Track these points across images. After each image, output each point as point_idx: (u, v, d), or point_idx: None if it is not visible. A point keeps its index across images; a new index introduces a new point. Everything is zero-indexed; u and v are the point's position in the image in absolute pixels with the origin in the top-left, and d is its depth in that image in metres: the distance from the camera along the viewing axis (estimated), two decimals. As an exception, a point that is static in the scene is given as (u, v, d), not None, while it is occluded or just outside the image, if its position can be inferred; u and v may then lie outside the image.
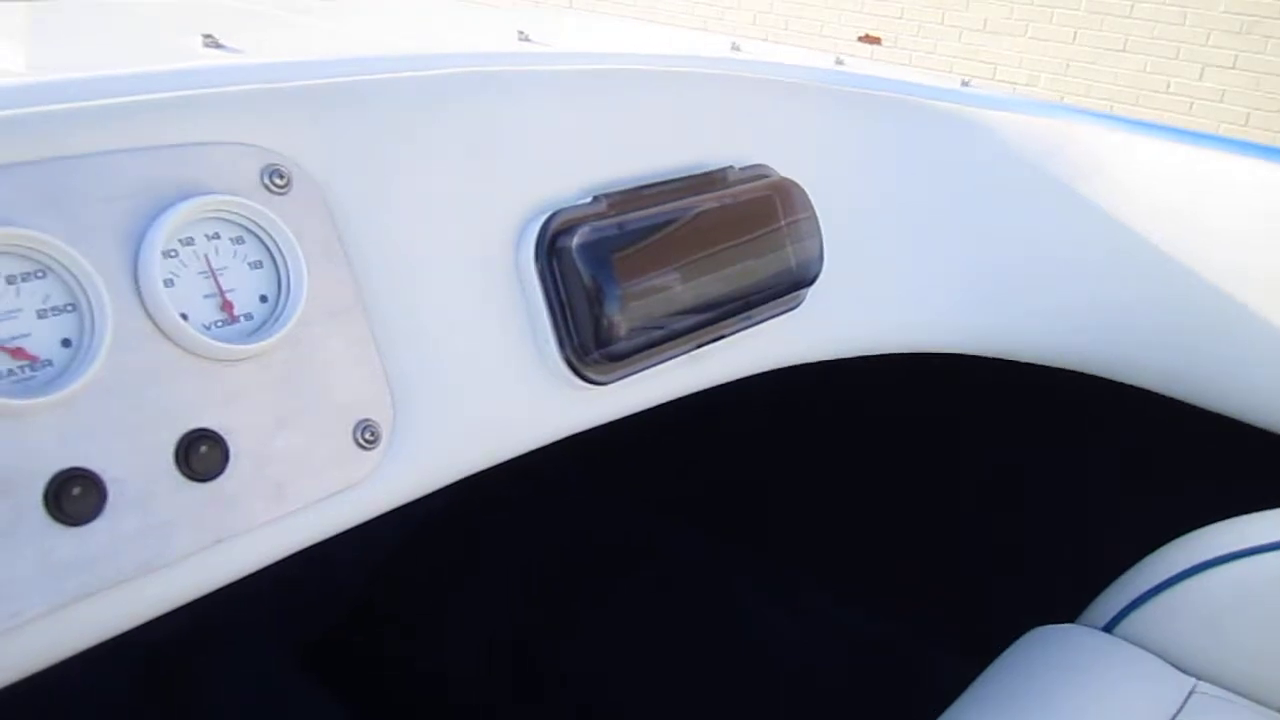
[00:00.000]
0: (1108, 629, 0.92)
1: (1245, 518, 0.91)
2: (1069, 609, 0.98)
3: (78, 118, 0.51)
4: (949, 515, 1.33)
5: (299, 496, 0.56)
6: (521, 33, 0.79)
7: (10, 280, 0.47)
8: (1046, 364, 1.04)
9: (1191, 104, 4.96)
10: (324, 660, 1.30)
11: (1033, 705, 0.85)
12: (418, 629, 1.37)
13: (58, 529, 0.47)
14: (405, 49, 0.68)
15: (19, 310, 0.47)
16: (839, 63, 1.02)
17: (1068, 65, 5.27)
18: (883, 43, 5.89)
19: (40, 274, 0.48)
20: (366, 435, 0.59)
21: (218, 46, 0.62)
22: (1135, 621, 0.91)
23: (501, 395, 0.66)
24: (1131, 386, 1.00)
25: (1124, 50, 5.07)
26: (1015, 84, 5.46)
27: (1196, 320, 0.93)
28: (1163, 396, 0.99)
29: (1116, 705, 0.84)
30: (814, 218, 0.85)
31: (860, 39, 5.89)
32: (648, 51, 0.83)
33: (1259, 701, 0.84)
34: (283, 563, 0.56)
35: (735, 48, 0.96)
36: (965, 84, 1.05)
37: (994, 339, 1.02)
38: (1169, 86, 5.00)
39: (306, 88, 0.59)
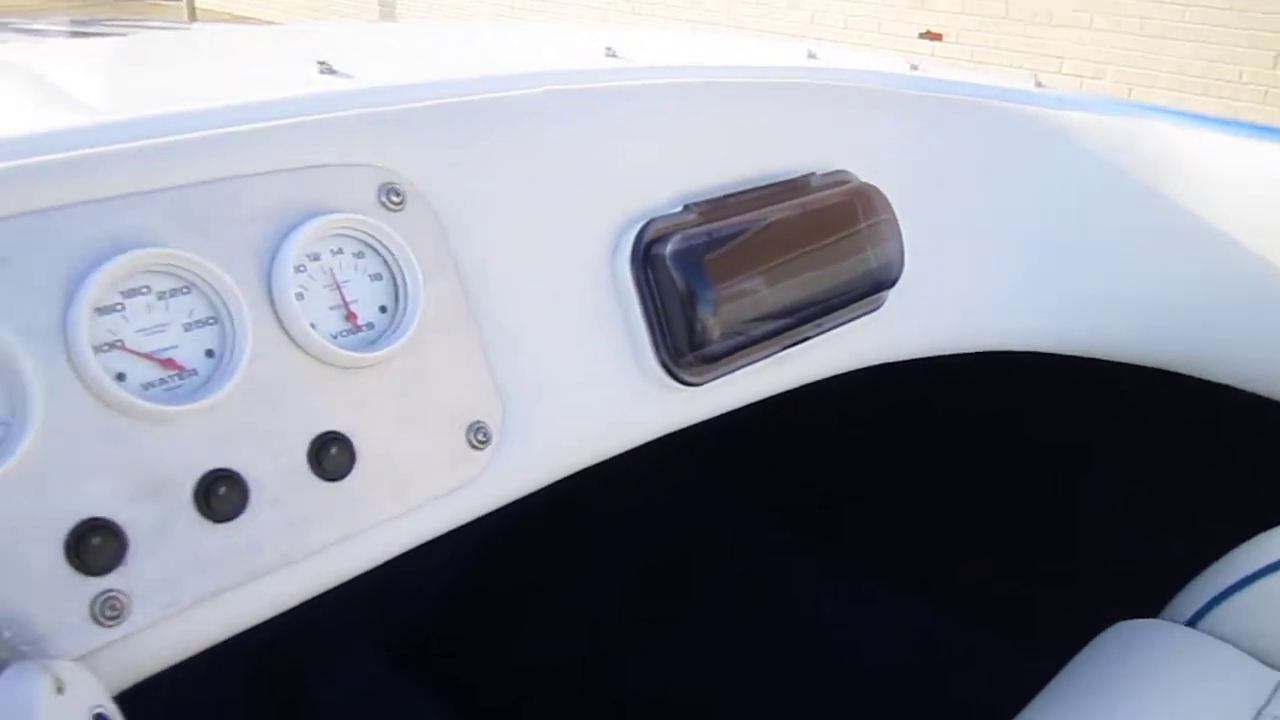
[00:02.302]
0: (1191, 623, 0.93)
1: None
2: (1151, 605, 0.99)
3: (213, 145, 0.55)
4: (1024, 513, 1.34)
5: (419, 494, 0.59)
6: (609, 49, 0.83)
7: (160, 296, 0.51)
8: (1125, 361, 1.05)
9: (1266, 93, 4.86)
10: (414, 659, 1.34)
11: (1117, 699, 0.86)
12: (505, 629, 1.41)
13: (206, 525, 0.51)
14: (503, 69, 0.72)
15: (167, 324, 0.52)
16: (914, 68, 1.04)
17: (1134, 56, 5.19)
18: (944, 39, 5.84)
19: (185, 290, 0.52)
20: (478, 436, 0.62)
21: (331, 73, 0.66)
22: (1219, 616, 0.91)
23: (600, 397, 0.69)
24: (1212, 383, 1.01)
25: (1193, 40, 4.99)
26: (1081, 77, 5.39)
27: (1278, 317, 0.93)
28: (1243, 392, 1.00)
29: (1203, 699, 0.85)
30: (894, 221, 0.87)
31: (921, 35, 5.85)
32: (729, 63, 0.86)
33: None
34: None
35: (811, 55, 0.98)
36: (1039, 84, 1.06)
37: (1073, 338, 1.04)
38: (1241, 76, 4.90)
39: (416, 110, 0.63)
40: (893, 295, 0.88)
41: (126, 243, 0.50)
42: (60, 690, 0.43)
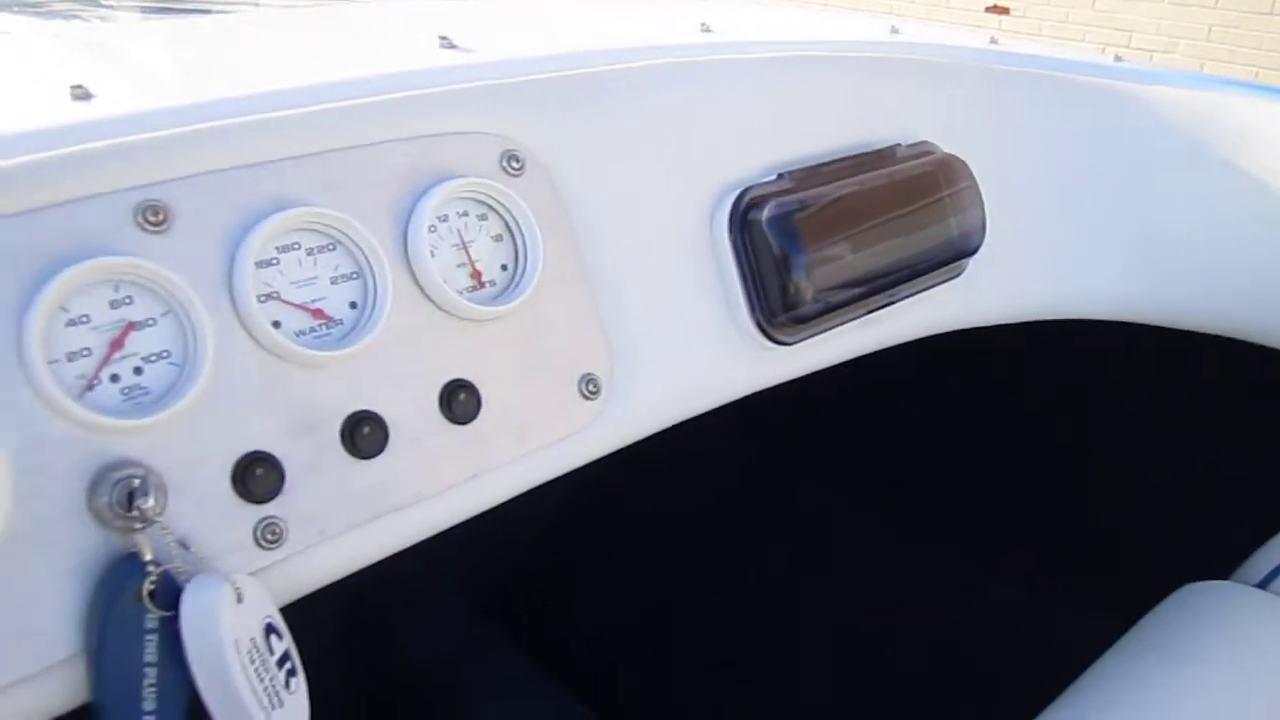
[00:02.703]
0: (1262, 585, 0.95)
1: None
2: (1222, 568, 1.01)
3: (356, 114, 0.60)
4: (1093, 480, 1.36)
5: (536, 439, 0.64)
6: (704, 25, 0.86)
7: (309, 252, 0.56)
8: (1198, 329, 1.07)
9: (1344, 68, 4.76)
10: (497, 614, 1.40)
11: (1183, 661, 0.89)
12: (584, 586, 1.46)
13: (352, 461, 0.56)
14: (610, 44, 0.76)
15: (316, 278, 0.56)
16: (993, 41, 1.06)
17: (1209, 30, 5.10)
18: (1011, 12, 5.78)
19: (332, 247, 0.57)
20: (589, 387, 0.67)
21: (452, 47, 0.71)
22: None
23: (699, 354, 0.73)
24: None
25: (1272, 13, 4.89)
26: (1152, 51, 5.31)
27: None
28: None
29: (1272, 661, 0.88)
30: (976, 191, 0.90)
31: (988, 9, 5.80)
32: (818, 38, 0.89)
33: None
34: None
35: (895, 30, 1.01)
36: (1118, 59, 1.08)
37: (1146, 306, 1.06)
38: (1318, 51, 4.81)
39: (533, 82, 0.68)
40: (973, 263, 0.92)
41: (282, 203, 0.55)
42: (240, 600, 0.48)
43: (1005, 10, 5.76)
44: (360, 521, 0.56)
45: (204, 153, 0.53)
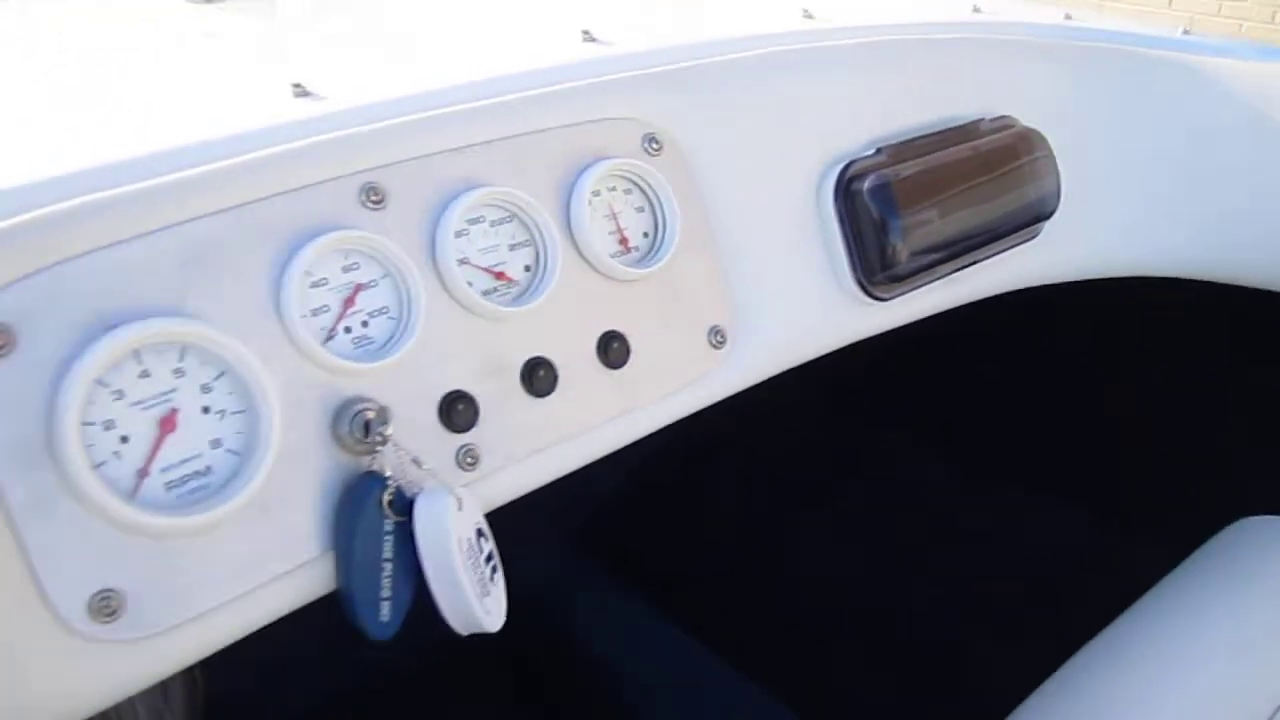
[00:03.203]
0: None
1: None
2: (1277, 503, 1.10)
3: (527, 104, 0.70)
4: (1154, 420, 1.44)
5: (674, 383, 0.75)
6: (806, 11, 0.96)
7: (492, 224, 0.67)
8: (1259, 286, 1.14)
9: None
10: (591, 546, 1.52)
11: (1234, 591, 0.97)
12: (669, 520, 1.57)
13: (530, 399, 0.67)
14: (729, 33, 0.85)
15: (498, 245, 0.67)
16: (1067, 17, 1.14)
17: (1275, 15, 5.02)
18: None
19: (509, 219, 0.68)
20: (717, 338, 0.77)
21: (593, 40, 0.81)
22: None
23: (808, 308, 0.83)
24: None
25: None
26: (1194, 13, 5.24)
27: None
28: None
29: (1245, 608, 0.95)
30: (1052, 160, 0.99)
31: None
32: (908, 21, 0.98)
33: None
34: None
35: (976, 9, 1.09)
36: (1186, 32, 1.15)
37: (1209, 266, 1.14)
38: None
39: (669, 72, 0.78)
40: (1049, 226, 1.00)
41: (472, 183, 0.66)
42: (460, 507, 0.60)
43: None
44: (537, 449, 0.68)
45: (412, 141, 0.64)
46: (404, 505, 0.59)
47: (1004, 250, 0.96)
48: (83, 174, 0.56)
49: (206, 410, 0.56)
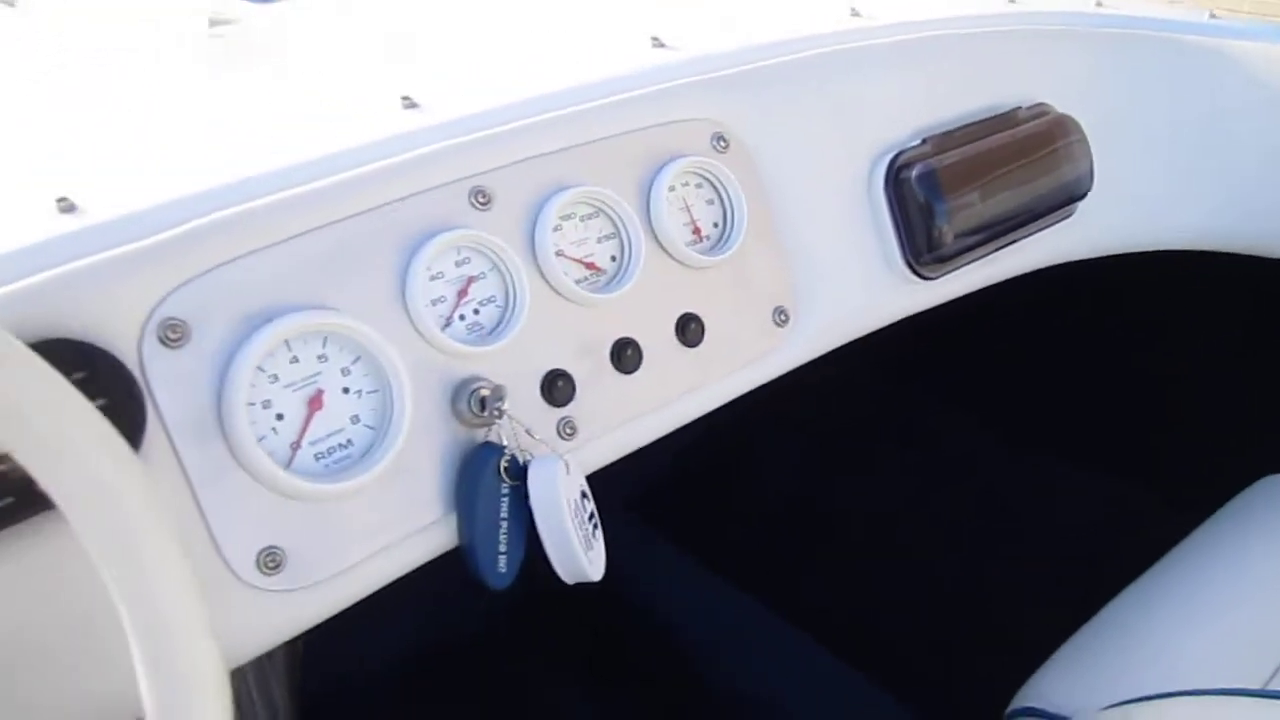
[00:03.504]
0: None
1: None
2: None
3: (609, 109, 0.78)
4: (1181, 387, 1.51)
5: (743, 358, 0.82)
6: (854, 10, 1.03)
7: (582, 219, 0.75)
8: (1265, 254, 1.21)
9: None
10: (649, 508, 1.60)
11: (1258, 542, 1.05)
12: (725, 482, 1.66)
13: (619, 376, 0.75)
14: (784, 35, 0.92)
15: (588, 238, 0.75)
16: (1099, 4, 1.20)
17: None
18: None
19: (596, 215, 0.76)
20: (780, 316, 0.85)
21: (662, 46, 0.88)
22: None
23: (861, 288, 0.91)
24: None
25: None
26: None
27: None
28: None
29: (1264, 560, 1.02)
30: (1085, 144, 1.05)
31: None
32: (947, 15, 1.05)
33: None
34: None
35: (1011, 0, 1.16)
36: (1212, 16, 1.21)
37: (1232, 239, 1.20)
38: None
39: (732, 76, 0.85)
40: (1083, 205, 1.07)
41: (564, 183, 0.74)
42: (567, 472, 0.68)
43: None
44: (626, 420, 0.76)
45: (513, 147, 0.72)
46: (518, 471, 0.68)
47: (1041, 230, 1.03)
48: (234, 185, 0.64)
49: (346, 390, 0.64)
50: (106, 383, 0.55)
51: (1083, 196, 1.06)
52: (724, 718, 1.33)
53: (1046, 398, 1.67)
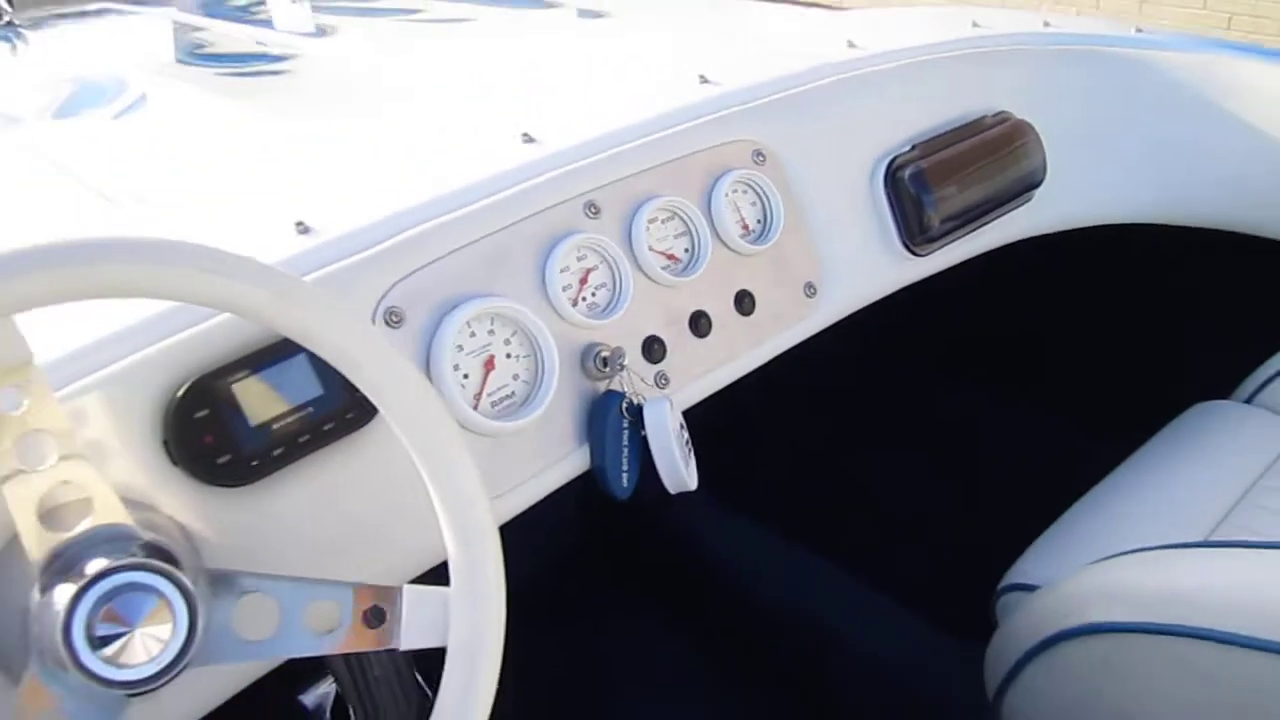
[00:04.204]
0: (1249, 400, 1.37)
1: None
2: (1228, 390, 1.42)
3: (680, 136, 1.02)
4: (1129, 337, 1.77)
5: (784, 322, 1.07)
6: (849, 41, 1.27)
7: (662, 221, 0.99)
8: (1200, 226, 1.47)
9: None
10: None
11: (1190, 453, 1.28)
12: (746, 445, 1.90)
13: (695, 339, 0.99)
14: (800, 65, 1.17)
15: (667, 235, 0.99)
16: (1046, 24, 1.46)
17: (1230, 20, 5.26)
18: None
19: (672, 217, 1.00)
20: (809, 290, 1.09)
21: (707, 82, 1.12)
22: (1270, 392, 1.35)
23: (869, 264, 1.15)
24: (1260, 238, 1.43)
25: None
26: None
27: None
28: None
29: (1232, 457, 1.25)
30: (1039, 142, 1.30)
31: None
32: (925, 42, 1.29)
33: None
34: None
35: (975, 24, 1.40)
36: (1139, 30, 1.46)
37: (1164, 212, 1.46)
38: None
39: (766, 104, 1.09)
40: (1038, 192, 1.32)
41: (651, 194, 0.98)
42: (671, 409, 0.92)
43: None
44: (704, 372, 1.00)
45: (612, 170, 0.96)
46: (635, 410, 0.92)
47: (1006, 212, 1.28)
48: (420, 208, 0.87)
49: (509, 356, 0.88)
50: None
51: (1038, 185, 1.31)
52: (768, 634, 1.57)
53: (1019, 356, 1.93)
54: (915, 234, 1.17)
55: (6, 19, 2.44)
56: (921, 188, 1.16)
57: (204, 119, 1.42)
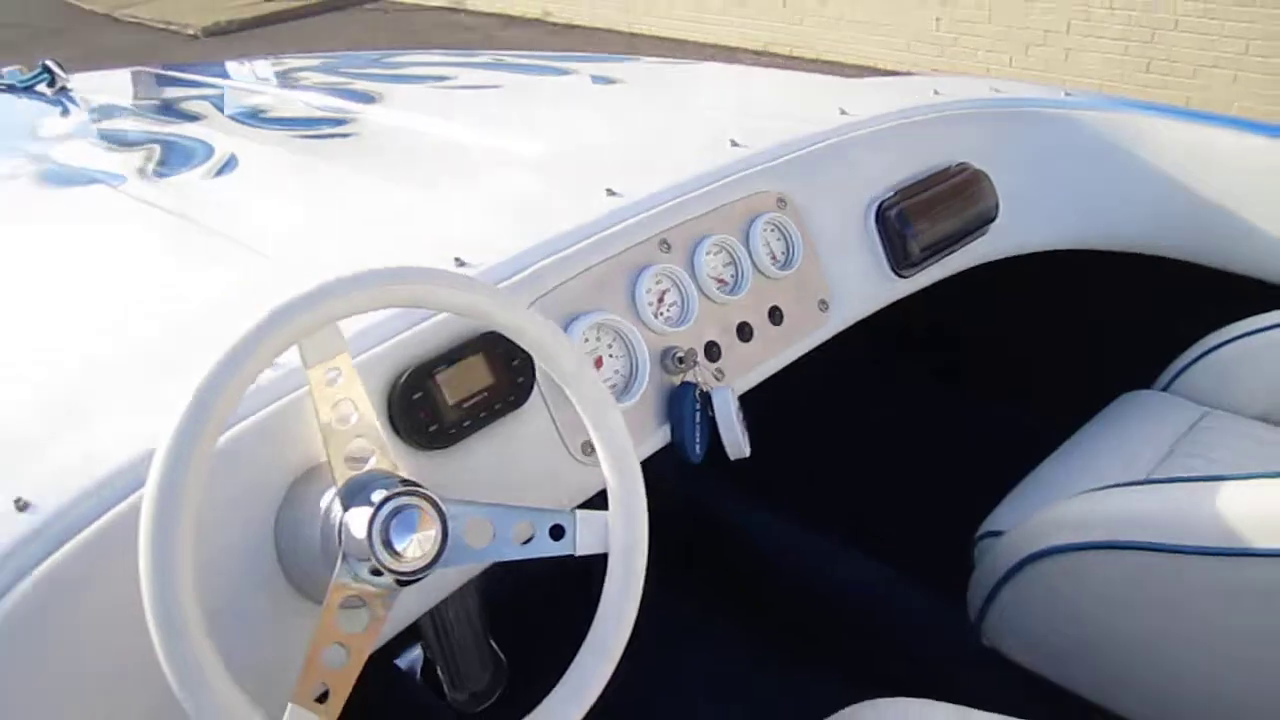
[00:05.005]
0: (1165, 389, 1.70)
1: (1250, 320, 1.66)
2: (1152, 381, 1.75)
3: (725, 189, 1.32)
4: (1076, 338, 2.10)
5: (804, 330, 1.37)
6: (841, 108, 1.59)
7: (714, 254, 1.29)
8: (1126, 250, 1.81)
9: None
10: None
11: (1120, 435, 1.61)
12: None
13: (742, 345, 1.30)
14: (806, 130, 1.48)
15: (719, 264, 1.30)
16: (995, 90, 1.79)
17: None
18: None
19: (720, 251, 1.30)
20: (822, 305, 1.40)
21: (737, 145, 1.43)
22: (1184, 381, 1.68)
23: (866, 285, 1.47)
24: (1172, 259, 1.78)
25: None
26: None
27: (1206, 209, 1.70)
28: (1187, 262, 1.77)
29: (1142, 438, 1.59)
30: (992, 186, 1.63)
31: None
32: (899, 107, 1.62)
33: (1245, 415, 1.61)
34: None
35: (936, 92, 1.73)
36: (1067, 94, 1.80)
37: (1093, 239, 1.80)
38: None
39: (784, 161, 1.40)
40: (993, 226, 1.65)
41: (706, 233, 1.28)
42: (733, 395, 1.22)
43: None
44: (750, 369, 1.30)
45: (679, 214, 1.26)
46: (704, 397, 1.22)
47: (969, 242, 1.61)
48: (544, 244, 1.17)
49: (611, 356, 1.18)
50: (520, 349, 1.09)
51: (993, 220, 1.64)
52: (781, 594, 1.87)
53: (993, 357, 2.25)
54: (900, 260, 1.49)
55: (60, 84, 2.68)
56: (904, 224, 1.48)
57: (304, 178, 1.70)
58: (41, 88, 2.65)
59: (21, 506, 0.83)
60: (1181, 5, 5.54)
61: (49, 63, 2.66)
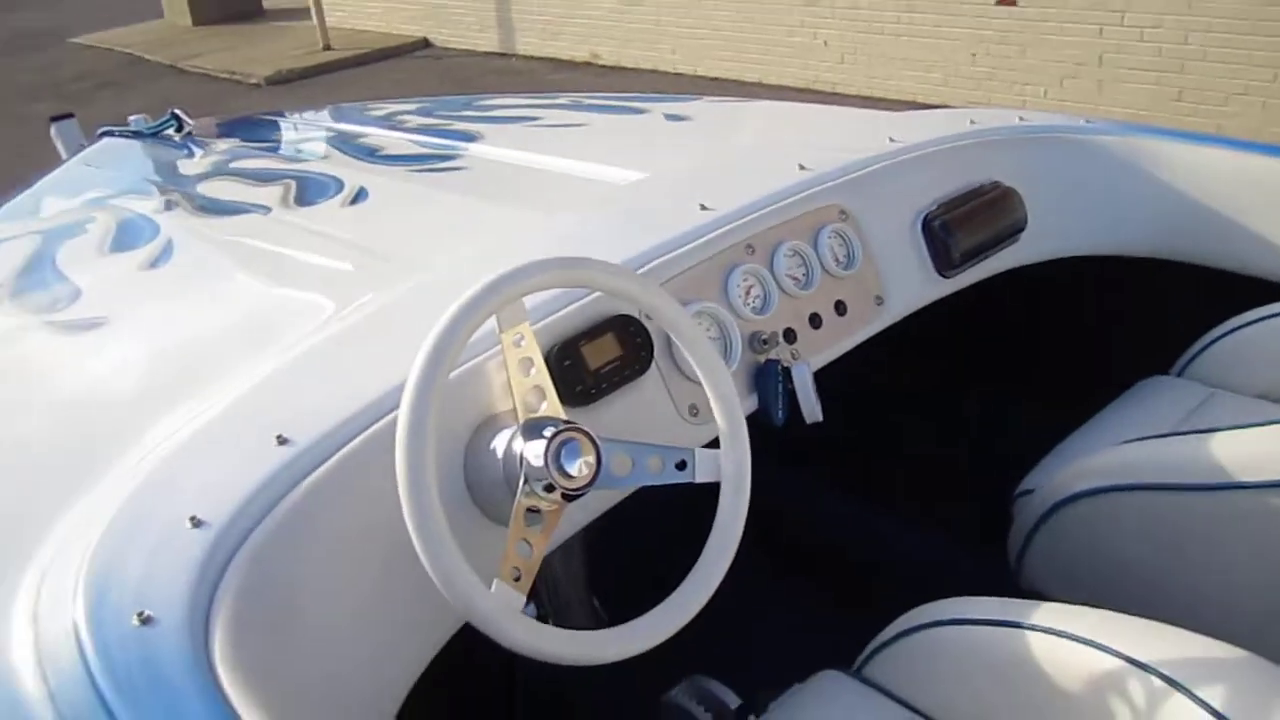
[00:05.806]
0: (1179, 374, 1.94)
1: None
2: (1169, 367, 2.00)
3: (796, 204, 1.60)
4: (1096, 336, 2.35)
5: (861, 322, 1.64)
6: (890, 137, 1.87)
7: (790, 255, 1.57)
8: (1145, 256, 2.06)
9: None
10: None
11: (1132, 414, 1.85)
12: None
13: (814, 332, 1.57)
14: (862, 154, 1.76)
15: (794, 265, 1.57)
16: (1021, 119, 2.06)
17: (1190, 5, 5.97)
18: (1018, 3, 6.68)
19: (794, 254, 1.58)
20: (878, 301, 1.67)
21: (804, 169, 1.71)
22: (1198, 366, 1.93)
23: (915, 284, 1.73)
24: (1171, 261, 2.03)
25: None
26: (1142, 27, 6.17)
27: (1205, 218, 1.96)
28: (1192, 265, 2.02)
29: (1170, 402, 1.84)
30: (1021, 201, 1.90)
31: (998, 3, 6.71)
32: (942, 135, 1.89)
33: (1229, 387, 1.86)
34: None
35: (973, 121, 2.01)
36: (1088, 120, 2.07)
37: (1111, 244, 2.06)
38: None
39: (844, 181, 1.68)
40: (1024, 234, 1.91)
41: (783, 240, 1.56)
42: (810, 370, 1.49)
43: (1013, 2, 6.67)
44: (819, 351, 1.57)
45: (761, 225, 1.54)
46: (785, 373, 1.49)
47: (1002, 249, 1.87)
48: (657, 248, 1.45)
49: (710, 337, 1.45)
50: (643, 330, 1.36)
51: (1023, 230, 1.91)
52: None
53: (1025, 351, 2.50)
54: (943, 264, 1.76)
55: (187, 130, 3.00)
56: (946, 233, 1.75)
57: (431, 205, 1.99)
58: (169, 133, 2.97)
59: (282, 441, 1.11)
60: (1210, 35, 5.78)
61: (177, 111, 2.98)
